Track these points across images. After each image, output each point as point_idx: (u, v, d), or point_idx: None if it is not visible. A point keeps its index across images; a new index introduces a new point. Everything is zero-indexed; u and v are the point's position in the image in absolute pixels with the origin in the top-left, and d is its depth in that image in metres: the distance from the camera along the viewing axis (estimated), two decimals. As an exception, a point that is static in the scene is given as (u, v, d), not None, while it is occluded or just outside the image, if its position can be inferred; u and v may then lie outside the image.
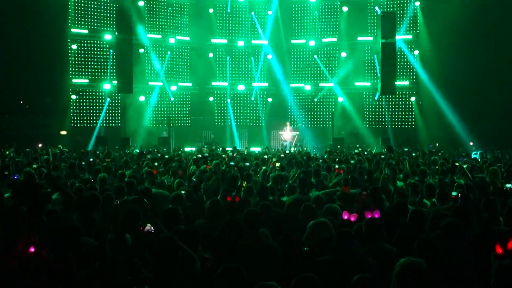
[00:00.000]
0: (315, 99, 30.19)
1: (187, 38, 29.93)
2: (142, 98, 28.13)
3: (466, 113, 24.65)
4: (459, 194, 7.78)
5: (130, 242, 5.46)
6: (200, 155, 15.54)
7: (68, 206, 7.32)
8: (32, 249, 4.57)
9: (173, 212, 6.59)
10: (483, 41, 23.90)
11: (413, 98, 28.53)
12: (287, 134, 26.92)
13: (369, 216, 6.04)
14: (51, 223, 6.26)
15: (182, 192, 8.38)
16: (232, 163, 12.74)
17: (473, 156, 18.33)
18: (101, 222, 6.99)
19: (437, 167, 12.35)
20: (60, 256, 4.58)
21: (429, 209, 7.74)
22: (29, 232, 4.97)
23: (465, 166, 11.01)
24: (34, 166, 11.85)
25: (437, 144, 24.36)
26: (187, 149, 24.93)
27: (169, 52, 29.36)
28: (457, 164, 11.08)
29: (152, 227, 5.35)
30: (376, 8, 28.38)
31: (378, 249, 5.38)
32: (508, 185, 8.91)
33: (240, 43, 30.46)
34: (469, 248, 5.30)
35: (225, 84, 30.57)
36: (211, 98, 30.70)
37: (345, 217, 6.21)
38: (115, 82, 27.02)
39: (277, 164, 12.61)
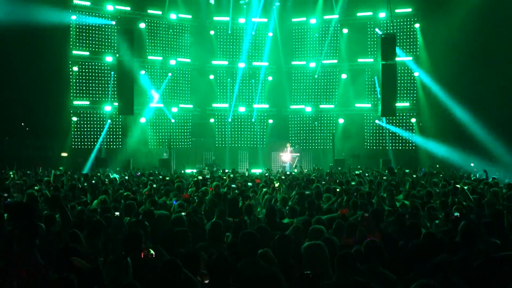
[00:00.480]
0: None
1: (188, 60, 30.18)
2: (143, 120, 28.20)
3: (467, 134, 24.43)
4: (459, 215, 7.80)
5: (130, 265, 5.46)
6: (200, 177, 15.48)
7: (66, 227, 7.25)
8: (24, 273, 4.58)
9: (172, 234, 6.54)
10: (483, 62, 23.72)
11: (413, 120, 28.51)
12: (287, 156, 27.20)
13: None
14: (47, 246, 6.21)
15: (183, 214, 8.31)
16: (233, 186, 12.72)
17: (473, 177, 18.11)
18: (103, 244, 6.97)
19: (437, 190, 12.30)
20: (63, 278, 4.51)
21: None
22: (23, 254, 4.95)
23: (465, 188, 10.91)
24: (36, 188, 11.76)
25: (437, 166, 24.01)
26: (188, 170, 24.82)
27: (170, 74, 29.45)
28: (458, 186, 11.03)
29: (152, 252, 5.36)
30: (376, 29, 28.55)
31: (377, 273, 5.32)
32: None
33: (241, 65, 30.54)
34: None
35: (226, 105, 30.70)
36: (212, 120, 30.82)
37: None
38: (116, 104, 26.88)
39: (276, 184, 12.64)
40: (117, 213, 8.61)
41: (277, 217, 8.71)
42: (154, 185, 13.06)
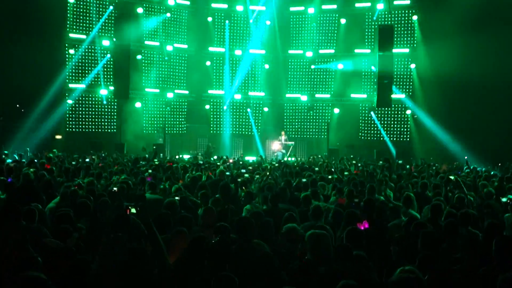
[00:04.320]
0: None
1: (185, 46, 29.96)
2: (138, 105, 28.17)
3: (462, 127, 24.47)
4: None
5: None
6: (194, 162, 15.81)
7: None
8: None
9: (163, 218, 6.63)
10: (481, 54, 23.42)
11: (408, 111, 28.45)
12: (276, 145, 27.24)
13: (362, 228, 6.06)
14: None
15: (176, 198, 8.37)
16: (228, 173, 12.61)
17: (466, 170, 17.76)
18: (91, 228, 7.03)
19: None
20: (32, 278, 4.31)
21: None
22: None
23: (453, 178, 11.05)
24: (32, 170, 11.65)
25: (431, 158, 23.93)
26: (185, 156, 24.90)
27: (166, 58, 29.21)
28: (451, 177, 11.06)
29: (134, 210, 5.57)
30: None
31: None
32: (504, 199, 8.92)
33: (238, 52, 30.55)
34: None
35: (221, 92, 30.60)
36: (207, 106, 30.72)
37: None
38: (111, 87, 27.09)
39: (268, 173, 12.65)
40: (115, 188, 8.84)
41: (279, 203, 8.68)
42: (150, 170, 12.93)
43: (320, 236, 5.32)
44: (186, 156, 24.99)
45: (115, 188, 8.91)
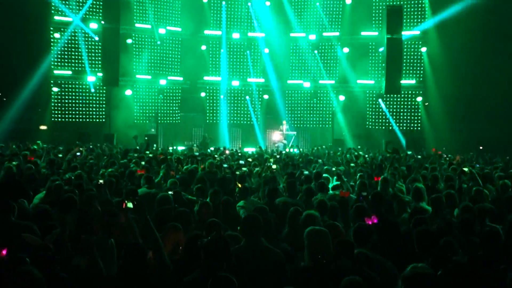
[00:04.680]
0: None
1: (179, 29, 29.49)
2: (128, 92, 27.73)
3: (477, 116, 24.66)
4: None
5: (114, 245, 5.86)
6: (189, 154, 15.76)
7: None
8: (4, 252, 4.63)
9: (164, 214, 6.79)
10: (495, 38, 23.56)
11: (419, 98, 28.23)
12: (277, 135, 27.23)
13: (370, 223, 6.09)
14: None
15: (170, 193, 8.32)
16: (225, 165, 12.60)
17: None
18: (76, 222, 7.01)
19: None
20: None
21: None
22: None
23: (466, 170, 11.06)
24: (14, 163, 11.61)
25: (443, 148, 23.99)
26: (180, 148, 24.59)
27: (158, 42, 28.69)
28: (465, 169, 10.99)
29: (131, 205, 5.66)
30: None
31: (368, 258, 5.40)
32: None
33: (235, 35, 30.04)
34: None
35: (218, 79, 30.09)
36: (202, 94, 30.29)
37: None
38: (100, 74, 26.47)
39: (274, 166, 12.54)
40: (101, 181, 9.01)
41: (277, 197, 8.89)
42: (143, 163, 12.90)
43: (320, 233, 5.26)
44: (180, 148, 24.66)
45: (101, 181, 8.99)
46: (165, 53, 29.68)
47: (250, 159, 15.83)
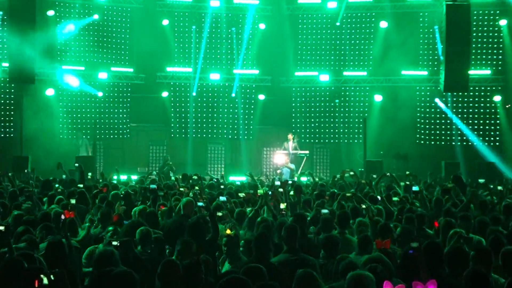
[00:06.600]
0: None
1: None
2: (50, 92, 26.90)
3: None
4: None
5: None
6: (144, 187, 16.04)
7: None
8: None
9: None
10: None
11: (497, 98, 27.69)
12: (280, 157, 26.59)
13: None
14: None
15: (114, 243, 8.68)
16: (200, 204, 12.61)
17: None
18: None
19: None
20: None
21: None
22: None
23: None
24: None
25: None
26: (122, 177, 23.18)
27: (95, 16, 27.89)
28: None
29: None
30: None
31: None
32: None
33: (215, 3, 27.52)
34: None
35: (189, 70, 28.45)
36: (164, 94, 28.93)
37: None
38: (5, 64, 25.45)
39: (282, 206, 12.99)
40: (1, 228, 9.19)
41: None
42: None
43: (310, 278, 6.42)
44: (132, 177, 23.93)
45: (1, 228, 9.15)
46: (106, 31, 28.45)
47: (243, 194, 16.05)
